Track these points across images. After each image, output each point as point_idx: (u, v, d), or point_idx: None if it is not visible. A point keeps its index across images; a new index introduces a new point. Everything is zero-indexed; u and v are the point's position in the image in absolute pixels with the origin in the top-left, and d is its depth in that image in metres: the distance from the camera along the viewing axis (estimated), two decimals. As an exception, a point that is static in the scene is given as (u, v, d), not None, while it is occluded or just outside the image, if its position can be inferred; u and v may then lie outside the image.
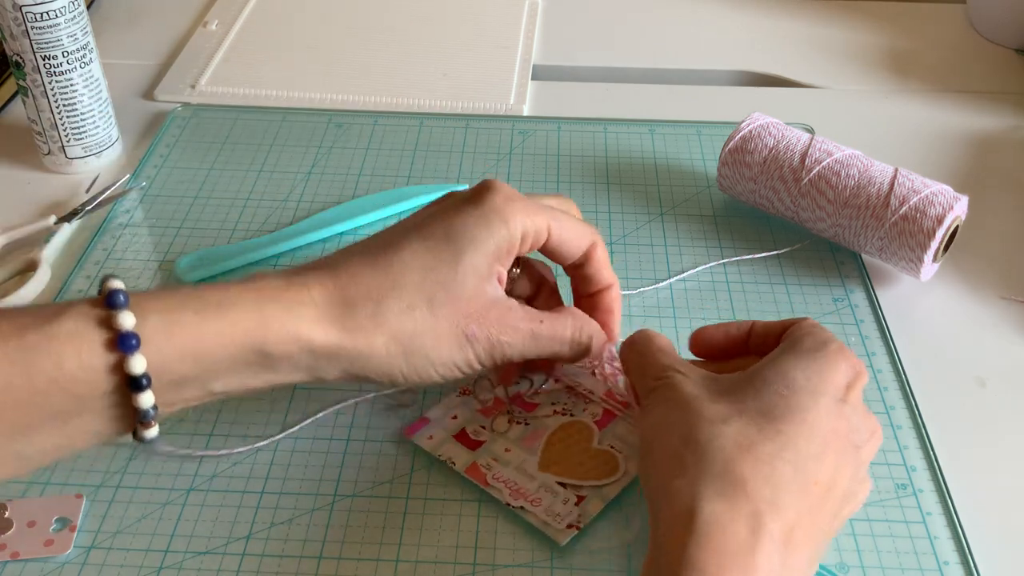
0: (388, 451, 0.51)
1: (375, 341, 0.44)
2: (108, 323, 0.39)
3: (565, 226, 0.49)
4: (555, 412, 0.52)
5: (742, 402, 0.42)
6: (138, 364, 0.39)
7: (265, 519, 0.48)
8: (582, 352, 0.50)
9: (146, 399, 0.40)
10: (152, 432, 0.42)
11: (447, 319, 0.45)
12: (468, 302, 0.46)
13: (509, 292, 0.49)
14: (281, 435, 0.51)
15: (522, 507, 0.47)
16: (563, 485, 0.48)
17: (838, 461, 0.41)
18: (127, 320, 0.39)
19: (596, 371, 0.53)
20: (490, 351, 0.46)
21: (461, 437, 0.51)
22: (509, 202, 0.47)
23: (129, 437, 0.42)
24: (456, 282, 0.45)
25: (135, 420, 0.41)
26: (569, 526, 0.47)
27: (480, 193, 0.47)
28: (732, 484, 0.38)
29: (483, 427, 0.51)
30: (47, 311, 0.39)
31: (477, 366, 0.47)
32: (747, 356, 0.48)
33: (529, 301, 0.52)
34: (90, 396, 0.39)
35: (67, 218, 0.65)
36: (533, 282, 0.52)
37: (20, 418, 0.38)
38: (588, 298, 0.52)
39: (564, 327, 0.49)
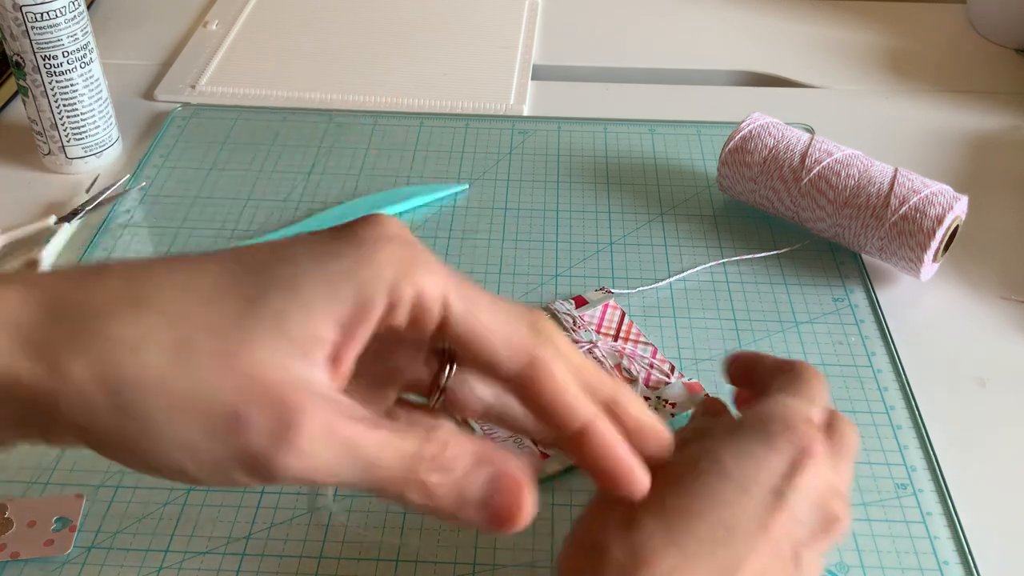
0: (388, 451, 0.51)
1: (71, 370, 0.28)
2: None
3: (483, 306, 0.32)
4: None
5: (665, 496, 0.36)
6: None
7: (265, 519, 0.48)
8: (434, 507, 0.31)
9: None
10: None
11: (206, 379, 0.28)
12: (256, 366, 0.29)
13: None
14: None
15: None
16: (534, 441, 0.50)
17: (764, 567, 0.35)
18: None
19: (588, 353, 0.55)
20: (263, 457, 0.28)
21: None
22: (387, 242, 0.31)
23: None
24: (245, 331, 0.29)
25: None
26: None
27: (356, 223, 0.32)
28: None
29: None
30: None
31: (233, 476, 0.29)
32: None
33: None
34: None
35: (67, 218, 0.65)
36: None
37: None
38: (565, 443, 0.34)
39: (396, 450, 0.30)
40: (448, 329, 0.32)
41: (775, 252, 0.64)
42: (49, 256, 0.62)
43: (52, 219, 0.64)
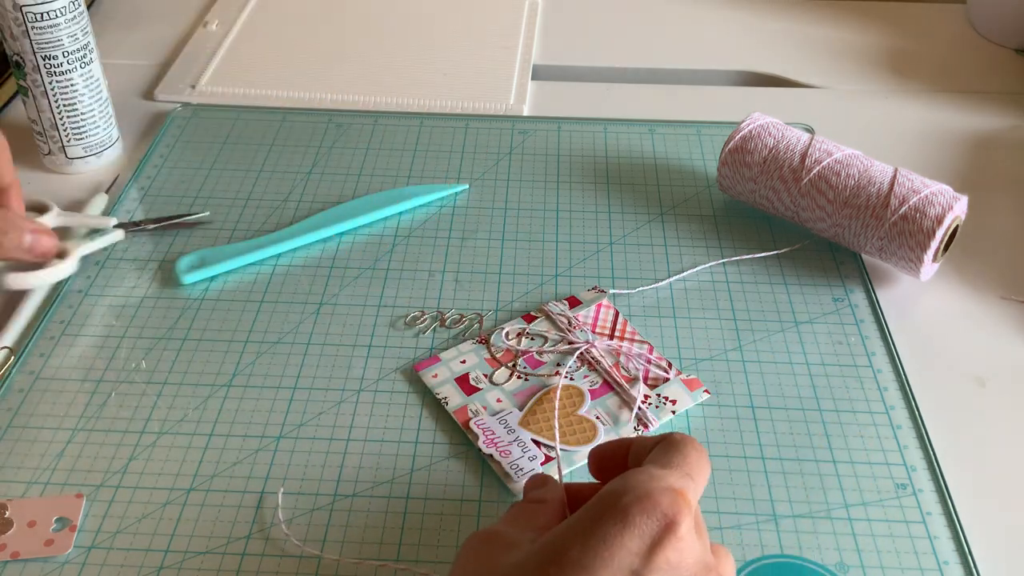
0: (388, 451, 0.51)
1: None
2: None
3: None
4: (556, 373, 0.54)
5: None
6: None
7: (265, 518, 0.48)
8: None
9: None
10: None
11: None
12: None
13: None
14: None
15: (491, 455, 0.50)
16: (537, 443, 0.50)
17: None
18: None
19: (585, 352, 0.55)
20: None
21: (462, 381, 0.54)
22: None
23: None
24: None
25: None
26: None
27: None
28: None
29: (485, 375, 0.54)
30: None
31: None
32: None
33: None
34: None
35: (126, 226, 0.64)
36: None
37: None
38: None
39: None
40: None
41: (775, 252, 0.64)
42: (81, 250, 0.61)
43: (112, 222, 0.64)
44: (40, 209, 0.62)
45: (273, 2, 0.93)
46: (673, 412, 0.52)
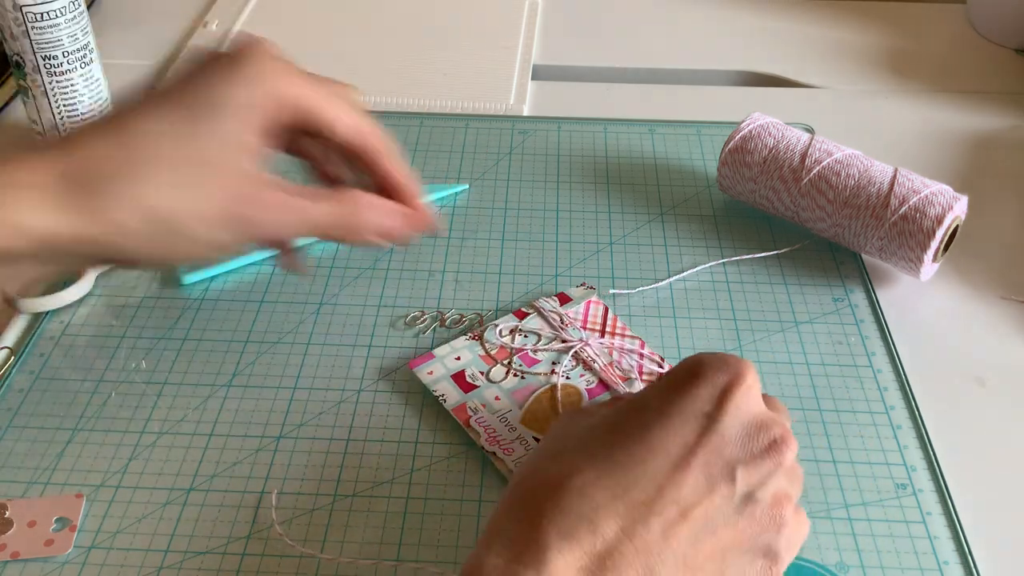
0: (388, 451, 0.51)
1: (128, 222, 0.39)
2: None
3: (335, 104, 0.46)
4: (552, 372, 0.54)
5: (588, 435, 0.39)
6: None
7: (265, 519, 0.48)
8: (353, 236, 0.46)
9: None
10: None
11: (214, 198, 0.41)
12: (236, 179, 0.42)
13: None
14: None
15: (494, 453, 0.50)
16: (538, 441, 0.50)
17: (686, 479, 0.36)
18: None
19: (579, 351, 0.55)
20: (256, 232, 0.43)
21: (458, 378, 0.54)
22: (273, 63, 0.44)
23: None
24: (219, 155, 0.41)
25: None
26: None
27: (242, 52, 0.43)
28: (526, 528, 0.35)
29: (481, 372, 0.54)
30: None
31: (243, 247, 0.44)
32: None
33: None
34: None
35: None
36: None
37: None
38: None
39: (328, 211, 0.45)
40: (313, 119, 0.45)
41: (775, 252, 0.64)
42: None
43: None
44: None
45: (273, 2, 0.93)
46: None
